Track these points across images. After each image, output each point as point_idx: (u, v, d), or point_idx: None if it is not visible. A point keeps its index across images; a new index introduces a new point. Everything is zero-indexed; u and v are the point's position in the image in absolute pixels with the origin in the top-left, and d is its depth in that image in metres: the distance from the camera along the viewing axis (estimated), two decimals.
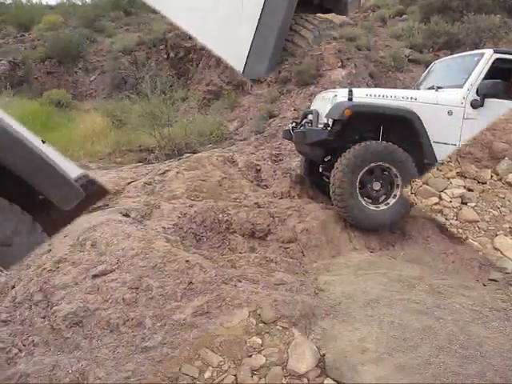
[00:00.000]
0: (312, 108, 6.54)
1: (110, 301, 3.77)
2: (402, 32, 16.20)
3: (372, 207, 5.62)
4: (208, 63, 17.53)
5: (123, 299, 3.77)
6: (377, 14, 19.87)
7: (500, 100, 5.91)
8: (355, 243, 5.50)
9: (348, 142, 5.79)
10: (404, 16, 19.01)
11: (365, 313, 4.20)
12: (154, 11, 25.19)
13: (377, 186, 5.66)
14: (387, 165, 5.56)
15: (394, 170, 5.58)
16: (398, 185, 5.65)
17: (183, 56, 19.07)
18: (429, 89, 6.27)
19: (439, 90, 6.03)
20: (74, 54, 20.41)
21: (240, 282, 4.16)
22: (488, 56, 6.00)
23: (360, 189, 5.58)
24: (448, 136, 5.81)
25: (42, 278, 3.98)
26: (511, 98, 6.12)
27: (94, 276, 3.96)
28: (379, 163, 5.55)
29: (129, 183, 5.81)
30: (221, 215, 5.36)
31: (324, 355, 3.60)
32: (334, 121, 5.58)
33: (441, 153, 5.80)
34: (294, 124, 6.73)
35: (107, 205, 5.46)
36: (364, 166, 5.50)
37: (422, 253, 5.52)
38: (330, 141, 5.69)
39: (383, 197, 5.71)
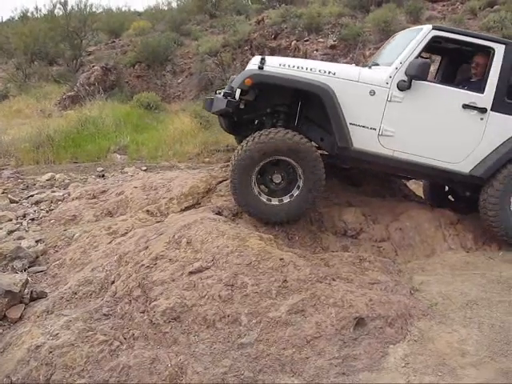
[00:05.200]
0: None
1: (207, 297, 3.84)
2: (494, 24, 15.61)
3: (265, 199, 5.08)
4: None
5: (219, 296, 3.84)
6: (466, 5, 19.25)
7: (431, 83, 5.29)
8: (450, 242, 5.34)
9: (260, 115, 5.41)
10: (496, 7, 18.32)
11: (463, 314, 4.08)
12: (239, 13, 25.71)
13: (277, 178, 5.10)
14: (290, 161, 4.97)
15: (296, 166, 5.00)
16: (298, 185, 5.06)
17: None
18: (373, 65, 5.53)
19: (373, 67, 5.38)
20: (162, 58, 21.12)
21: (334, 280, 4.13)
22: (425, 32, 5.18)
23: (261, 173, 5.08)
24: (367, 119, 5.12)
25: (140, 274, 4.11)
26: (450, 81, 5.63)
27: (191, 273, 4.04)
28: (280, 158, 4.96)
29: (220, 182, 5.90)
30: (312, 214, 5.35)
31: None
32: (242, 91, 5.01)
33: (358, 137, 5.12)
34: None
35: (199, 203, 5.58)
36: (263, 159, 4.93)
37: None
38: (232, 112, 5.21)
39: (280, 192, 5.13)
